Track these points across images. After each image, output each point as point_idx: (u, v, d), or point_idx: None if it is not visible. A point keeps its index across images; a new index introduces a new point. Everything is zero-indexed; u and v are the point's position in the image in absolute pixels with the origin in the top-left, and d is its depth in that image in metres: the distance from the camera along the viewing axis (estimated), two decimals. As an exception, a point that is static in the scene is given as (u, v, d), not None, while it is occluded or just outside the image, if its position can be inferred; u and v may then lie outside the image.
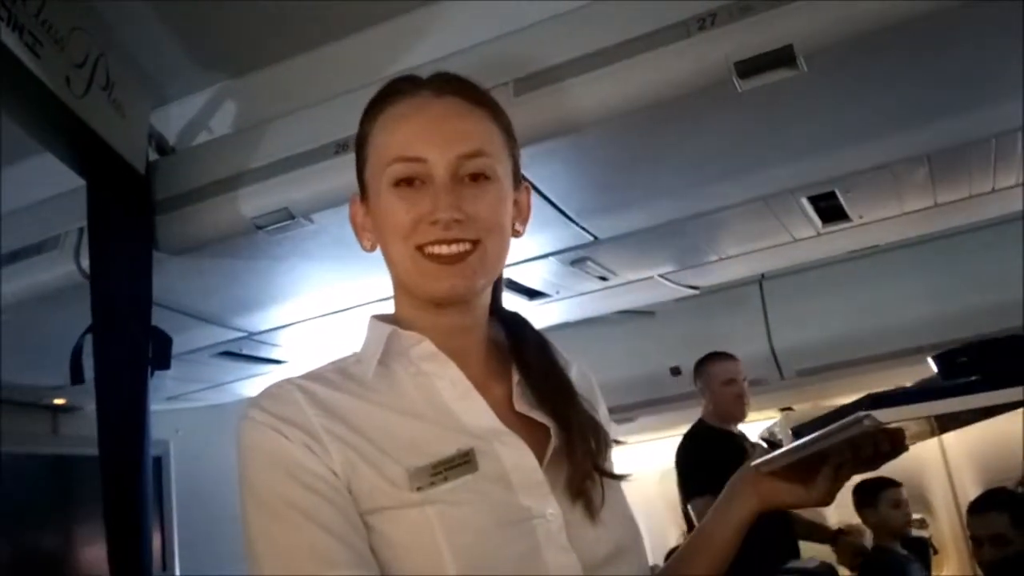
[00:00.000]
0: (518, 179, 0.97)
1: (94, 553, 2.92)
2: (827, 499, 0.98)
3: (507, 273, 2.42)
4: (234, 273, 2.14)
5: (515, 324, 1.01)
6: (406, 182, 0.89)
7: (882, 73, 1.64)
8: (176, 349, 1.99)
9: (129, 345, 1.78)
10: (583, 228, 2.13)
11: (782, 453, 0.97)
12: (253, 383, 3.10)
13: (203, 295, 2.26)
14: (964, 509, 3.89)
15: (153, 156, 1.94)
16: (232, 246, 1.95)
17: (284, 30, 1.84)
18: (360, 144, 0.95)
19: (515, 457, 0.86)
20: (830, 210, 2.39)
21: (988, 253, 3.49)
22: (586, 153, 1.77)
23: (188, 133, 2.03)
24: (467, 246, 0.88)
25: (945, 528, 5.02)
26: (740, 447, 3.19)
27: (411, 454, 0.83)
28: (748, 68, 1.49)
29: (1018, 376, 0.88)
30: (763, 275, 3.83)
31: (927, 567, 3.74)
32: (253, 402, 0.87)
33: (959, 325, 3.43)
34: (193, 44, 1.87)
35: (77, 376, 1.88)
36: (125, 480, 1.72)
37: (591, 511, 0.88)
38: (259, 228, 1.85)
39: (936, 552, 3.93)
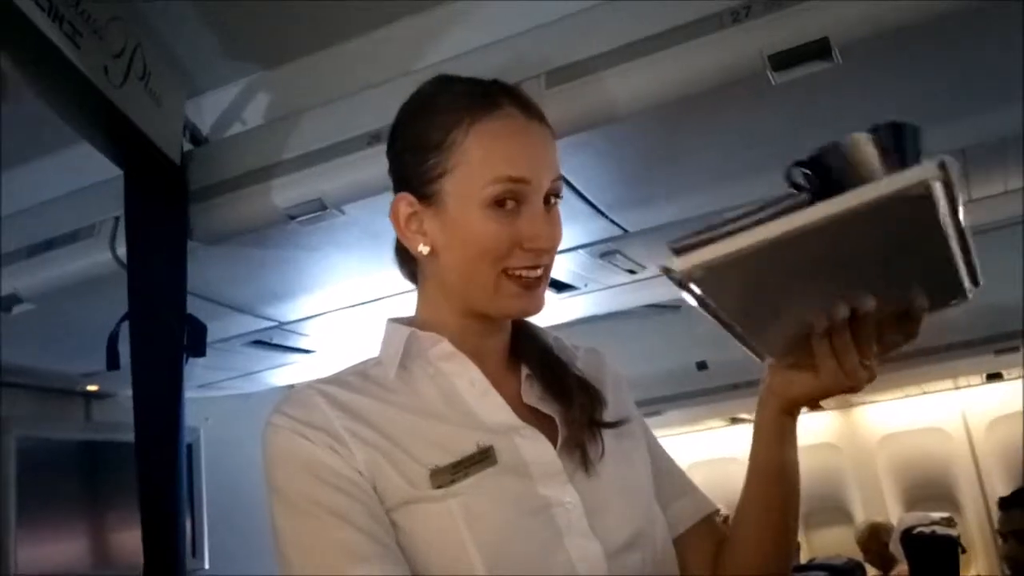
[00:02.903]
0: None
1: (124, 538, 2.96)
2: (845, 381, 0.86)
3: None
4: (266, 263, 2.16)
5: (519, 322, 1.02)
6: (500, 203, 0.89)
7: (916, 66, 1.62)
8: (208, 337, 2.01)
9: (164, 333, 1.81)
10: (613, 221, 2.13)
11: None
12: (283, 372, 3.13)
13: (235, 284, 2.28)
14: (993, 507, 3.86)
15: (187, 146, 1.96)
16: (264, 236, 1.97)
17: (318, 21, 1.85)
18: (434, 148, 0.92)
19: (534, 449, 0.89)
20: (862, 204, 2.36)
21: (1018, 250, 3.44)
22: (617, 146, 1.77)
23: (222, 124, 2.05)
24: (542, 271, 0.92)
25: (974, 527, 4.97)
26: None
27: (432, 453, 0.86)
28: (782, 61, 1.48)
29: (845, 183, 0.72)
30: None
31: (955, 566, 3.70)
32: (276, 408, 0.90)
33: (985, 323, 3.38)
34: (227, 35, 1.88)
35: (113, 362, 1.90)
36: (160, 466, 1.75)
37: (586, 464, 0.89)
38: (291, 218, 1.86)
39: (964, 551, 3.89)
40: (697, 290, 0.82)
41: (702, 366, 4.10)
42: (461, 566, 0.80)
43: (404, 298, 2.26)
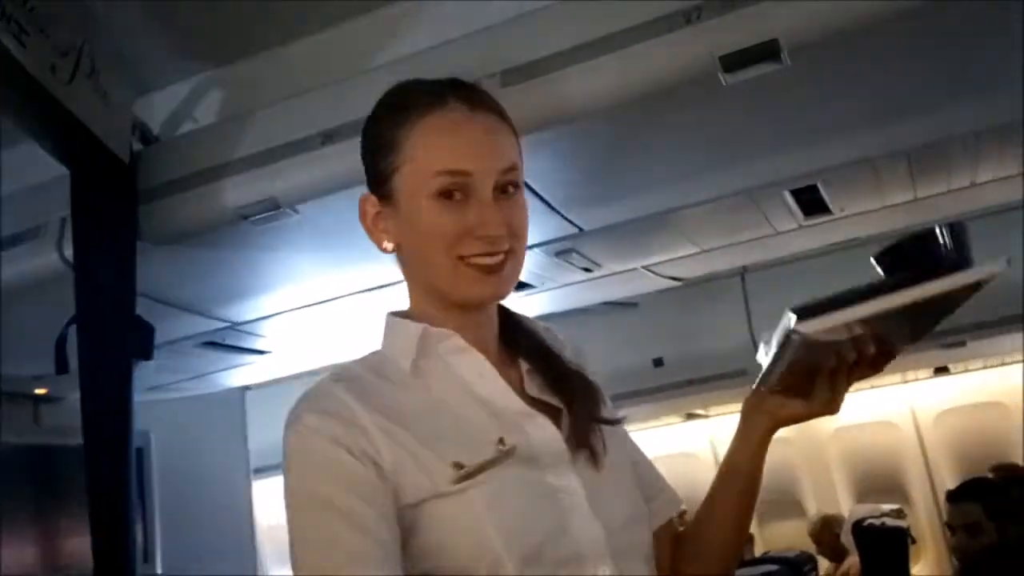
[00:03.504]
0: None
1: (75, 544, 2.90)
2: (831, 408, 1.02)
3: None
4: (218, 263, 2.13)
5: (512, 317, 1.07)
6: (446, 195, 0.93)
7: (864, 68, 1.65)
8: (158, 339, 1.98)
9: (113, 335, 1.78)
10: (568, 219, 2.14)
11: (765, 370, 1.00)
12: (236, 373, 3.10)
13: (187, 285, 2.25)
14: (942, 498, 3.94)
15: (137, 145, 1.93)
16: (217, 236, 1.94)
17: (270, 19, 1.84)
18: (386, 147, 0.97)
19: (543, 437, 0.94)
20: (812, 203, 2.41)
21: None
22: (572, 145, 1.78)
23: (172, 122, 2.02)
24: (503, 256, 0.94)
25: (923, 518, 5.08)
26: None
27: (453, 449, 0.89)
28: (733, 62, 1.50)
29: (951, 265, 0.88)
30: (745, 267, 3.85)
31: (905, 557, 3.78)
32: (301, 404, 0.92)
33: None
34: (179, 32, 1.86)
35: (62, 366, 1.87)
36: (109, 471, 1.72)
37: (595, 459, 0.96)
38: (244, 218, 1.84)
39: (914, 542, 3.98)
40: (797, 347, 0.90)
41: (658, 363, 4.14)
42: (483, 548, 0.85)
43: (361, 297, 2.24)
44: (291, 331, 2.73)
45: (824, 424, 5.66)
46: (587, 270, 2.63)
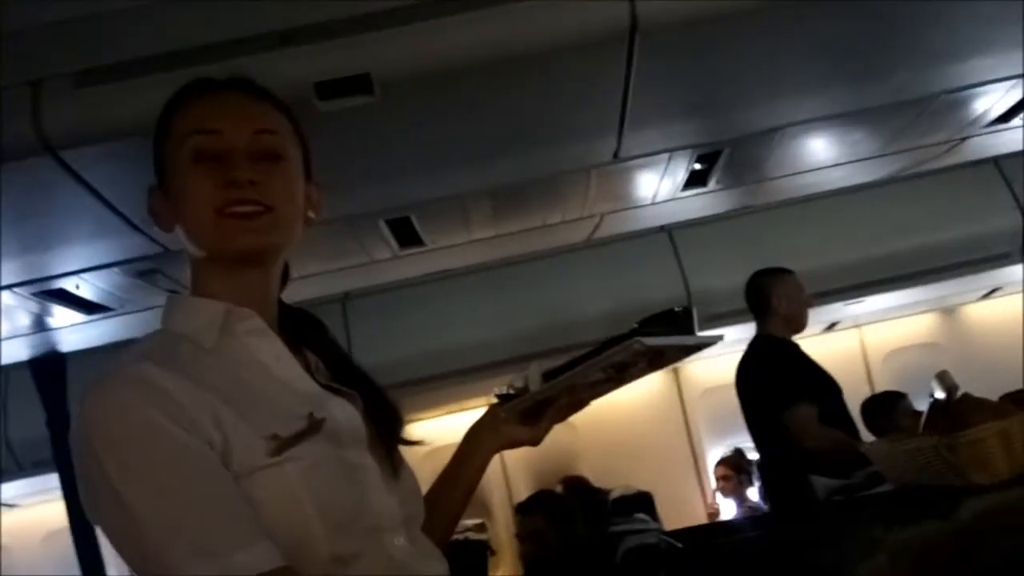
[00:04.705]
0: (309, 173, 1.07)
1: None
2: (542, 439, 1.21)
3: (59, 284, 2.20)
4: None
5: (291, 309, 1.11)
6: (201, 157, 0.97)
7: (453, 110, 1.76)
8: None
9: None
10: (152, 238, 1.99)
11: (537, 392, 1.15)
12: None
13: None
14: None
15: None
16: None
17: None
18: (159, 137, 1.03)
19: (346, 416, 1.00)
20: (406, 234, 2.51)
21: (547, 280, 3.88)
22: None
23: None
24: (261, 208, 0.97)
25: (502, 530, 5.48)
26: (804, 355, 3.06)
27: (267, 420, 0.92)
28: (328, 90, 1.51)
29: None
30: (346, 294, 3.89)
31: (484, 568, 4.03)
32: (107, 384, 0.89)
33: (521, 344, 3.75)
34: None
35: None
36: None
37: (394, 466, 1.05)
38: None
39: (493, 553, 4.26)
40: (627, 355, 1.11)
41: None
42: (297, 518, 0.90)
43: None
44: None
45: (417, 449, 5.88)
46: (174, 292, 2.48)
